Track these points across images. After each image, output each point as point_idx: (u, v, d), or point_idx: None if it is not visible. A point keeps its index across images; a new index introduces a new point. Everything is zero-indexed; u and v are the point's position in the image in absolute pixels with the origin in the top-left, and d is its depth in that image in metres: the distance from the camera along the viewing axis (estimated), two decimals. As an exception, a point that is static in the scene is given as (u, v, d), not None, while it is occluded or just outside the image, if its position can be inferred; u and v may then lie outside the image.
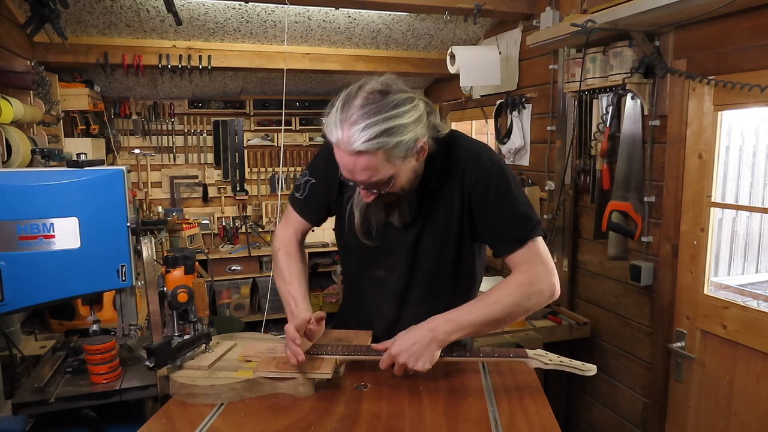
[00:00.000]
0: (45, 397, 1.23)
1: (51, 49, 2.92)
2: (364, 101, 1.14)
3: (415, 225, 1.37)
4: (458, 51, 3.05)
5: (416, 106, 1.19)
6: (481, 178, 1.30)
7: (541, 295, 1.28)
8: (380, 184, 1.21)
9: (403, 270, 1.41)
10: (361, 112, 1.13)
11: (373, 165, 1.16)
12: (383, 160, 1.16)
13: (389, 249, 1.41)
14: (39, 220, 1.27)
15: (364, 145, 1.12)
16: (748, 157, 4.16)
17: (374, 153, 1.14)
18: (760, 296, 3.82)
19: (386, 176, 1.19)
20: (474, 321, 1.25)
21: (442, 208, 1.35)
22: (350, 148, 1.13)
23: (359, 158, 1.15)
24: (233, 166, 4.26)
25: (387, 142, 1.13)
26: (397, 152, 1.16)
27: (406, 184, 1.26)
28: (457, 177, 1.32)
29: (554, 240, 2.81)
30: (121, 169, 1.36)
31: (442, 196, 1.34)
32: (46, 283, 1.29)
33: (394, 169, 1.19)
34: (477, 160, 1.32)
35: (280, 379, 1.24)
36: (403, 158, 1.19)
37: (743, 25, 1.86)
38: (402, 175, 1.22)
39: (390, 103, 1.14)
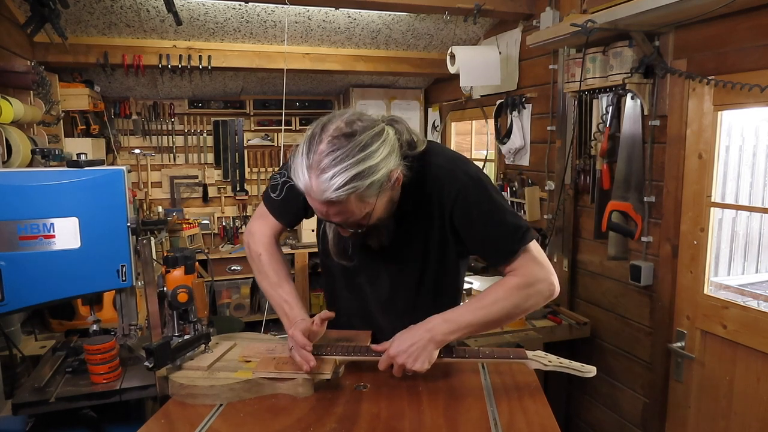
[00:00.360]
0: (45, 397, 1.23)
1: (51, 49, 2.92)
2: (330, 146, 1.09)
3: (393, 246, 1.34)
4: (458, 51, 3.05)
5: (386, 139, 1.14)
6: (459, 196, 1.28)
7: (540, 296, 1.28)
8: (356, 223, 1.20)
9: (385, 285, 1.41)
10: (329, 159, 1.08)
11: (348, 209, 1.14)
12: (357, 202, 1.13)
13: (368, 265, 1.40)
14: (39, 220, 1.27)
15: (335, 194, 1.08)
16: (748, 157, 4.16)
17: (344, 200, 1.11)
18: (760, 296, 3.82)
19: (362, 215, 1.17)
20: (471, 322, 1.25)
21: (421, 228, 1.34)
22: (322, 197, 1.10)
23: (332, 206, 1.13)
24: (233, 166, 4.26)
25: (359, 186, 1.09)
26: (371, 192, 1.13)
27: (383, 214, 1.23)
28: (434, 196, 1.30)
29: (554, 240, 2.81)
30: (121, 169, 1.36)
31: (420, 216, 1.32)
32: (46, 283, 1.29)
33: (369, 207, 1.16)
34: (452, 177, 1.28)
35: (279, 380, 1.24)
36: (378, 195, 1.16)
37: (743, 25, 1.86)
38: (379, 208, 1.20)
39: (357, 146, 1.09)
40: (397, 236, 1.33)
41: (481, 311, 1.26)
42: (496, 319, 1.26)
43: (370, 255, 1.37)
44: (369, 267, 1.41)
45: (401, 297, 1.42)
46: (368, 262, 1.40)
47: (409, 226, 1.33)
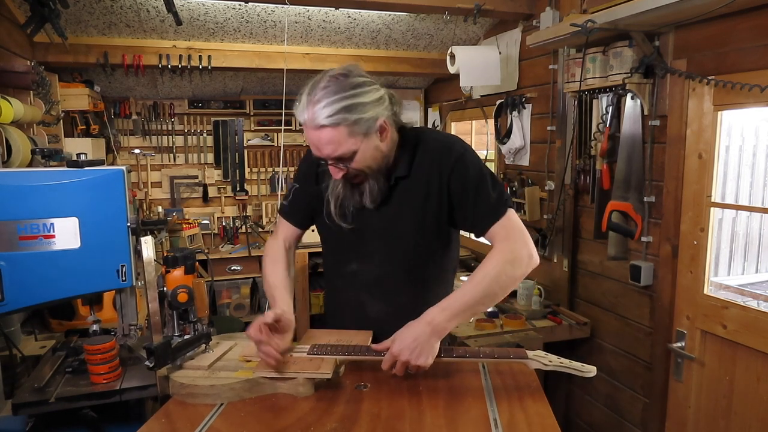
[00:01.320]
0: (45, 397, 1.23)
1: (51, 49, 2.92)
2: (327, 83, 1.27)
3: (388, 210, 1.43)
4: (458, 51, 3.05)
5: (376, 89, 1.33)
6: (456, 164, 1.39)
7: (521, 262, 1.34)
8: (345, 158, 1.30)
9: (380, 258, 1.46)
10: (324, 92, 1.25)
11: (336, 138, 1.27)
12: (345, 134, 1.27)
13: (364, 235, 1.46)
14: (39, 220, 1.27)
15: (326, 120, 1.24)
16: (748, 157, 4.16)
17: (336, 127, 1.25)
18: (760, 296, 3.82)
19: (349, 150, 1.29)
20: (468, 302, 1.29)
21: (417, 196, 1.42)
22: (314, 123, 1.26)
23: (323, 132, 1.26)
24: (233, 166, 4.26)
25: (347, 118, 1.25)
26: (358, 128, 1.27)
27: (371, 162, 1.34)
28: (433, 167, 1.41)
29: (554, 240, 2.81)
30: (121, 169, 1.36)
31: (416, 184, 1.42)
32: (46, 283, 1.29)
33: (356, 144, 1.29)
34: (450, 150, 1.41)
35: (279, 379, 1.24)
36: (364, 135, 1.29)
37: (743, 25, 1.86)
38: (365, 152, 1.31)
39: (350, 84, 1.27)
40: (391, 201, 1.43)
41: (473, 290, 1.30)
42: (490, 292, 1.31)
43: (365, 221, 1.45)
44: (363, 240, 1.47)
45: (390, 277, 1.46)
46: (363, 230, 1.46)
47: (404, 194, 1.42)
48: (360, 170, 1.35)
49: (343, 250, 1.52)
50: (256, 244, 4.17)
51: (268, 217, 4.33)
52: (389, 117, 1.35)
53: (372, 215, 1.44)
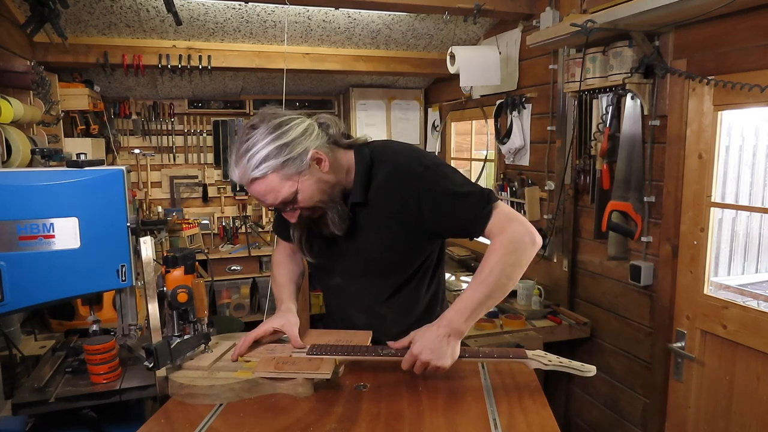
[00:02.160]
0: (45, 397, 1.23)
1: (51, 49, 2.92)
2: (244, 136, 1.26)
3: (354, 235, 1.40)
4: (458, 51, 3.05)
5: (298, 123, 1.29)
6: (421, 187, 1.33)
7: (524, 246, 1.30)
8: (288, 202, 1.28)
9: (357, 275, 1.46)
10: (244, 146, 1.24)
11: (271, 187, 1.25)
12: (278, 180, 1.25)
13: (339, 256, 1.46)
14: (39, 220, 1.27)
15: (254, 173, 1.23)
16: (748, 157, 4.16)
17: (265, 177, 1.24)
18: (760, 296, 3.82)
19: (289, 193, 1.27)
20: (479, 299, 1.28)
21: (380, 219, 1.38)
22: (245, 179, 1.25)
23: (256, 185, 1.26)
24: (233, 166, 4.26)
25: (273, 165, 1.23)
26: (288, 170, 1.25)
27: (319, 195, 1.31)
28: (394, 190, 1.36)
29: (554, 240, 2.81)
30: (121, 169, 1.36)
31: (377, 208, 1.38)
32: (46, 283, 1.29)
33: (293, 185, 1.26)
34: (410, 171, 1.35)
35: (279, 380, 1.24)
36: (299, 173, 1.26)
37: (743, 25, 1.86)
38: (307, 189, 1.28)
39: (267, 130, 1.24)
40: (357, 229, 1.40)
41: (482, 285, 1.28)
42: (499, 286, 1.29)
43: (335, 250, 1.45)
44: (341, 265, 1.48)
45: (370, 291, 1.47)
46: (337, 255, 1.46)
47: (366, 218, 1.39)
48: (310, 207, 1.32)
49: (326, 266, 1.53)
50: (256, 244, 4.17)
51: (268, 218, 4.33)
52: (322, 145, 1.30)
53: (340, 248, 1.43)
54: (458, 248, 3.77)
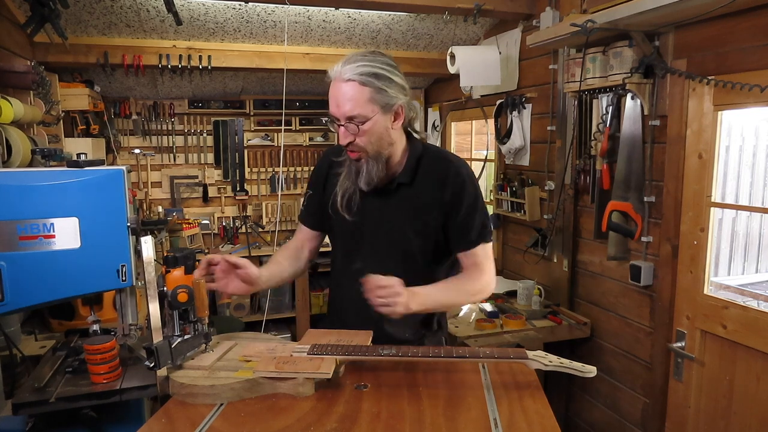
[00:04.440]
0: (45, 397, 1.23)
1: (51, 49, 2.92)
2: (364, 53, 1.40)
3: (390, 213, 1.51)
4: (458, 51, 3.05)
5: (403, 79, 1.42)
6: (459, 189, 1.49)
7: (482, 294, 1.56)
8: (356, 121, 1.37)
9: (381, 257, 1.51)
10: (359, 57, 1.38)
11: (358, 96, 1.35)
12: (367, 96, 1.35)
13: (366, 234, 1.54)
14: (39, 220, 1.27)
15: (355, 75, 1.34)
16: (748, 157, 4.16)
17: (362, 86, 1.35)
18: (760, 296, 3.82)
19: (365, 115, 1.36)
20: (443, 303, 1.50)
21: (418, 204, 1.50)
22: (343, 76, 1.35)
23: (348, 86, 1.35)
24: (233, 166, 4.26)
25: (373, 82, 1.35)
26: (380, 98, 1.36)
27: (377, 140, 1.40)
28: (437, 180, 1.49)
29: (554, 240, 2.81)
30: (121, 169, 1.36)
31: (418, 193, 1.50)
32: (46, 283, 1.29)
33: (373, 111, 1.36)
34: (457, 170, 1.50)
35: (279, 379, 1.24)
36: (382, 108, 1.37)
37: (743, 25, 1.86)
38: (376, 125, 1.38)
39: (386, 61, 1.39)
40: (394, 208, 1.50)
41: (450, 295, 1.50)
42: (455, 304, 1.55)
43: (369, 223, 1.52)
44: (366, 246, 1.54)
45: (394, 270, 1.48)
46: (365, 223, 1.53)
47: (406, 200, 1.50)
48: (364, 143, 1.40)
49: (350, 249, 1.58)
50: (256, 244, 4.17)
51: (268, 217, 4.33)
52: (406, 109, 1.44)
53: (375, 215, 1.51)
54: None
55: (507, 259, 3.36)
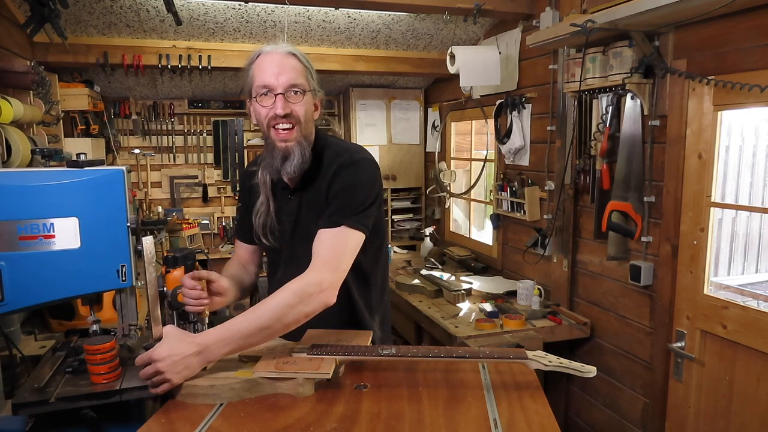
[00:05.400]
0: (45, 397, 1.23)
1: (51, 49, 2.92)
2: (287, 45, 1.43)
3: (298, 217, 1.50)
4: (458, 51, 3.05)
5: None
6: (339, 169, 1.43)
7: (314, 299, 1.30)
8: (297, 91, 1.38)
9: (298, 261, 1.46)
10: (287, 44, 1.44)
11: (298, 68, 1.39)
12: (303, 72, 1.40)
13: (283, 244, 1.53)
14: (39, 220, 1.27)
15: (294, 50, 1.41)
16: (748, 157, 4.17)
17: (300, 62, 1.41)
18: (760, 296, 3.82)
19: (304, 85, 1.39)
20: (243, 333, 1.24)
21: (318, 198, 1.46)
22: (283, 50, 1.39)
23: (289, 58, 1.39)
24: (233, 166, 4.26)
25: (308, 63, 1.43)
26: (310, 79, 1.42)
27: (308, 118, 1.43)
28: (329, 172, 1.45)
29: (554, 240, 2.81)
30: (121, 169, 1.35)
31: (317, 187, 1.47)
32: (46, 283, 1.29)
33: (307, 87, 1.41)
34: (339, 157, 1.46)
35: (279, 379, 1.24)
36: (312, 91, 1.43)
37: (743, 25, 1.86)
38: (308, 103, 1.42)
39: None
40: (301, 211, 1.50)
41: (251, 323, 1.26)
42: (267, 328, 1.26)
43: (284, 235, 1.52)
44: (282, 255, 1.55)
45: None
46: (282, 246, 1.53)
47: (309, 201, 1.48)
48: (298, 117, 1.39)
49: (272, 260, 1.61)
50: (256, 244, 4.17)
51: (268, 217, 4.33)
52: (322, 100, 1.51)
53: (290, 220, 1.51)
54: (458, 248, 3.77)
55: (507, 259, 3.36)
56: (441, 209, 4.23)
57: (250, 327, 1.24)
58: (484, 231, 4.21)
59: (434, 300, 2.96)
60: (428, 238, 4.01)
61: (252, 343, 1.27)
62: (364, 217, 1.41)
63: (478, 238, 3.87)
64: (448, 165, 4.02)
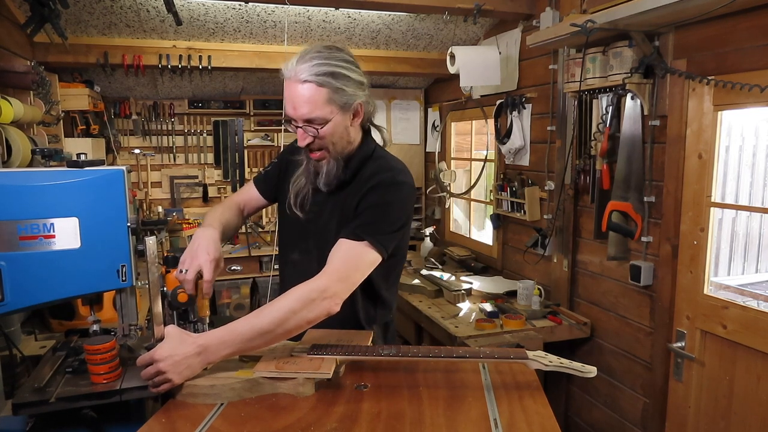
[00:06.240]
0: (45, 397, 1.23)
1: (51, 49, 2.92)
2: (320, 50, 1.33)
3: (327, 213, 1.48)
4: (458, 51, 3.05)
5: (361, 74, 1.38)
6: (375, 186, 1.40)
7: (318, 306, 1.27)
8: (316, 123, 1.33)
9: (315, 255, 1.48)
10: (314, 54, 1.31)
11: (315, 98, 1.31)
12: (324, 98, 1.31)
13: (307, 230, 1.52)
14: (39, 220, 1.27)
15: (310, 76, 1.29)
16: (748, 157, 4.17)
17: (319, 87, 1.30)
18: (760, 296, 3.82)
19: (323, 117, 1.32)
20: (245, 336, 1.22)
21: (345, 205, 1.45)
22: (299, 77, 1.30)
23: (304, 87, 1.30)
24: (233, 166, 4.26)
25: (330, 82, 1.30)
26: (338, 98, 1.32)
27: (338, 139, 1.38)
28: (365, 188, 1.41)
29: (554, 240, 2.81)
30: (121, 169, 1.36)
31: (349, 194, 1.45)
32: (46, 283, 1.29)
33: (331, 113, 1.33)
34: (385, 172, 1.42)
35: (280, 379, 1.24)
36: (341, 108, 1.34)
37: (743, 25, 1.86)
38: (336, 125, 1.35)
39: (341, 57, 1.34)
40: (330, 209, 1.48)
41: (254, 325, 1.23)
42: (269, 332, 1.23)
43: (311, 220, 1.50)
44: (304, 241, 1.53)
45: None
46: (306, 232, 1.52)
47: (341, 201, 1.46)
48: (325, 143, 1.37)
49: (291, 239, 1.59)
50: (256, 244, 4.17)
51: (268, 217, 4.33)
52: (365, 105, 1.41)
53: (315, 212, 1.50)
54: (458, 248, 3.77)
55: (507, 259, 3.36)
56: (441, 209, 4.23)
57: (252, 330, 1.23)
58: (484, 231, 4.21)
59: (434, 300, 2.96)
60: (428, 238, 4.02)
61: (254, 346, 1.25)
62: (388, 240, 1.38)
63: (478, 238, 3.87)
64: (448, 165, 4.02)
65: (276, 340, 1.28)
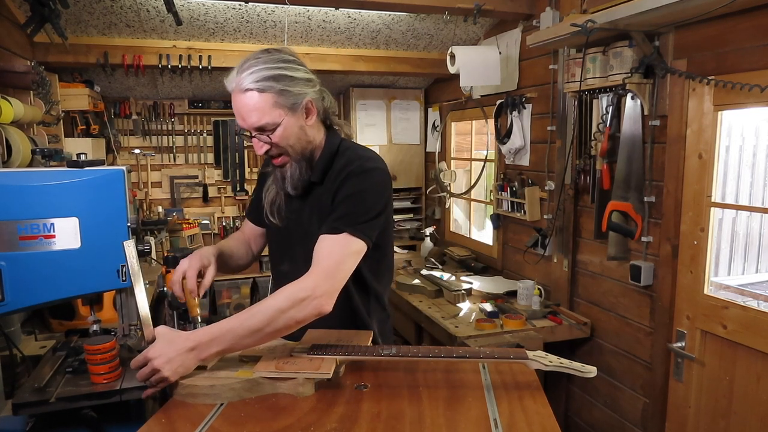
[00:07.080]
0: (45, 397, 1.23)
1: (51, 49, 2.92)
2: (257, 56, 1.33)
3: (305, 215, 1.48)
4: (458, 51, 3.05)
5: (306, 71, 1.37)
6: (348, 175, 1.39)
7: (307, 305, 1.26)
8: (267, 129, 1.33)
9: (301, 261, 1.44)
10: (253, 61, 1.31)
11: (261, 106, 1.30)
12: (270, 103, 1.30)
13: (291, 238, 1.52)
14: (39, 220, 1.27)
15: (252, 84, 1.28)
16: (748, 157, 4.16)
17: (261, 93, 1.29)
18: (760, 296, 3.82)
19: (273, 122, 1.32)
20: (237, 334, 1.22)
21: (322, 202, 1.43)
22: (241, 86, 1.30)
23: (247, 96, 1.30)
24: (233, 166, 4.26)
25: (273, 86, 1.30)
26: (283, 100, 1.31)
27: (295, 141, 1.38)
28: (339, 180, 1.40)
29: (554, 240, 2.81)
30: (121, 169, 1.36)
31: (324, 191, 1.44)
32: (46, 283, 1.29)
33: (280, 116, 1.32)
34: (353, 162, 1.41)
35: (279, 379, 1.24)
36: (290, 109, 1.33)
37: (743, 25, 1.86)
38: (288, 128, 1.35)
39: (280, 58, 1.33)
40: (307, 210, 1.47)
41: (244, 324, 1.23)
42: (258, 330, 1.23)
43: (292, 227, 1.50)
44: (290, 249, 1.52)
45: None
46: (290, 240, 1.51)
47: (316, 200, 1.45)
48: (282, 148, 1.37)
49: (278, 250, 1.59)
50: (256, 244, 4.17)
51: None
52: (318, 102, 1.40)
53: (294, 218, 1.50)
54: (458, 248, 3.77)
55: (507, 259, 3.36)
56: (441, 209, 4.23)
57: (241, 328, 1.22)
58: (485, 231, 4.21)
59: (434, 300, 2.97)
60: (428, 238, 4.02)
61: (244, 344, 1.25)
62: (369, 227, 1.36)
63: (478, 238, 3.87)
64: (448, 165, 4.02)
65: (266, 339, 1.27)
